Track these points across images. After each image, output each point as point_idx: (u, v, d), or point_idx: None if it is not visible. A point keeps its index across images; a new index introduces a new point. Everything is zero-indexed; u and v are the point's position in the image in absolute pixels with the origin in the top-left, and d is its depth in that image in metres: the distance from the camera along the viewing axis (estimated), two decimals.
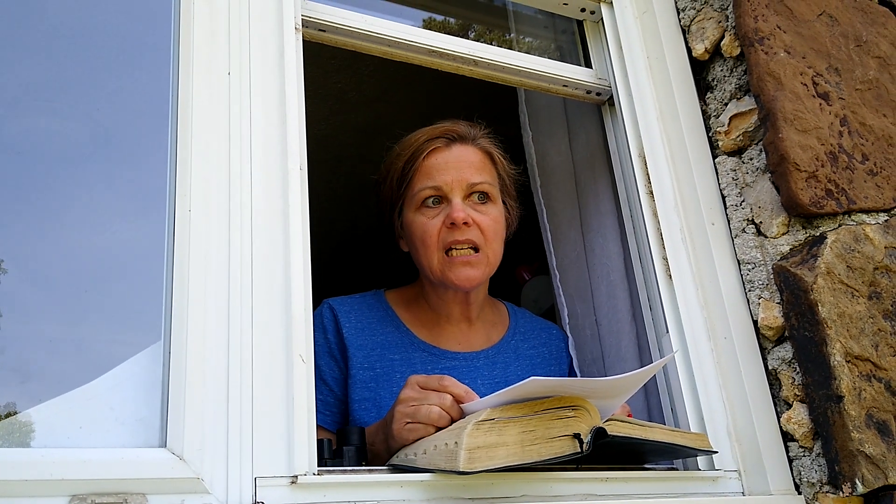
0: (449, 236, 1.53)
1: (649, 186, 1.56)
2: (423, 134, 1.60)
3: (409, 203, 1.59)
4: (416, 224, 1.56)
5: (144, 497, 0.96)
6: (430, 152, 1.57)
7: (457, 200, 1.53)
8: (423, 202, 1.55)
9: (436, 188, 1.54)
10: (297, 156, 1.23)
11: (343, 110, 3.13)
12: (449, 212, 1.52)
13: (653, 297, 1.53)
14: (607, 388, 1.18)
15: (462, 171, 1.55)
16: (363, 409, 1.51)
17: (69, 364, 1.07)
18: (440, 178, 1.54)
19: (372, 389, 1.53)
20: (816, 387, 1.33)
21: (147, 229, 1.16)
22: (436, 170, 1.55)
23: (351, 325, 1.59)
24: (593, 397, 1.17)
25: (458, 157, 1.57)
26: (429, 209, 1.55)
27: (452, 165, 1.55)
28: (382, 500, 1.07)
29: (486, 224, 1.55)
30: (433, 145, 1.57)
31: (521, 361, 1.63)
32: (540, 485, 1.17)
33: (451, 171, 1.55)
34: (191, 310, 1.07)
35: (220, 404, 1.05)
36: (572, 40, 1.85)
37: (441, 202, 1.55)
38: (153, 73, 1.24)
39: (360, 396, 1.53)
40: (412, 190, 1.57)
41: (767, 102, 1.48)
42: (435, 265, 1.54)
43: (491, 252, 1.57)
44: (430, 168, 1.56)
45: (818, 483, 1.32)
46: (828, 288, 1.35)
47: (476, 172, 1.57)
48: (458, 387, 1.21)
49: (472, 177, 1.56)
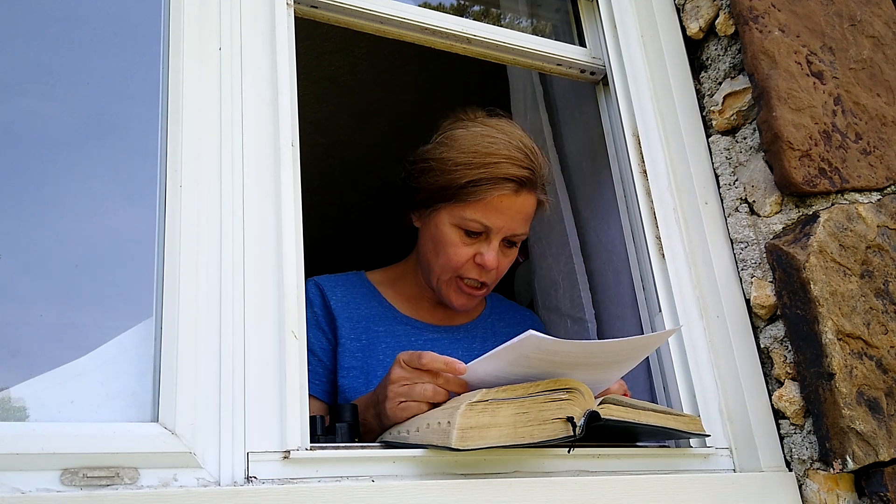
0: (471, 270, 1.56)
1: (643, 166, 1.56)
2: (504, 160, 1.50)
3: (453, 213, 1.53)
4: (448, 240, 1.55)
5: (136, 471, 0.96)
6: (499, 195, 1.50)
7: (495, 244, 1.54)
8: (466, 227, 1.53)
9: (486, 227, 1.52)
10: (289, 132, 1.23)
11: (337, 94, 3.12)
12: (483, 253, 1.53)
13: (646, 276, 1.53)
14: (604, 353, 1.19)
15: (514, 221, 1.54)
16: (352, 377, 1.54)
17: (60, 342, 1.06)
18: (494, 222, 1.51)
19: (360, 359, 1.56)
20: (808, 365, 1.33)
21: (139, 209, 1.15)
22: (495, 212, 1.51)
23: (337, 298, 1.62)
24: (590, 364, 1.18)
25: (518, 208, 1.53)
26: (467, 236, 1.54)
27: (512, 214, 1.53)
28: (375, 475, 1.07)
29: (504, 265, 1.60)
30: (505, 189, 1.50)
31: (499, 338, 1.66)
32: (532, 461, 1.17)
33: (506, 218, 1.52)
34: (182, 285, 1.07)
35: (213, 380, 1.05)
36: (566, 19, 1.85)
37: (479, 234, 1.54)
38: (144, 53, 1.23)
39: (348, 364, 1.55)
40: (463, 210, 1.51)
41: (761, 81, 1.48)
42: (444, 279, 1.59)
43: (493, 286, 1.63)
44: (489, 208, 1.51)
45: (809, 460, 1.33)
46: (820, 266, 1.35)
47: (523, 224, 1.57)
48: (436, 361, 1.20)
49: (518, 228, 1.56)
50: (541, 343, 1.11)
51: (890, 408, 1.31)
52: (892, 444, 1.28)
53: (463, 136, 1.54)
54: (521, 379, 1.17)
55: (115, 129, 1.21)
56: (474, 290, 1.59)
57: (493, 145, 1.50)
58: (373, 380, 1.52)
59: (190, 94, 1.18)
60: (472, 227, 1.52)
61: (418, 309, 1.69)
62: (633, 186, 1.56)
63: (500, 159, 1.49)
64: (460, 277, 1.58)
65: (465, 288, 1.58)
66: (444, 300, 1.63)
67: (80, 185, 1.15)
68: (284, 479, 1.02)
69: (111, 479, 0.94)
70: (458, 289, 1.59)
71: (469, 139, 1.52)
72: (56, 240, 1.10)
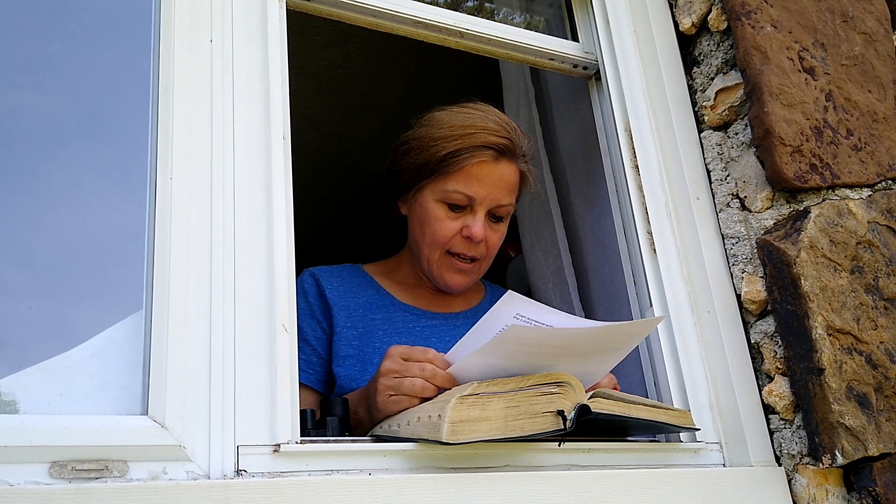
0: (460, 245, 1.56)
1: (635, 161, 1.56)
2: (479, 130, 1.53)
3: (435, 189, 1.56)
4: (433, 215, 1.56)
5: (126, 464, 0.95)
6: (478, 162, 1.53)
7: (480, 215, 1.54)
8: (449, 200, 1.54)
9: (469, 197, 1.53)
10: (281, 124, 1.22)
11: (330, 88, 3.11)
12: (469, 225, 1.54)
13: (637, 271, 1.53)
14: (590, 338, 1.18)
15: (498, 189, 1.55)
16: (348, 365, 1.53)
17: (50, 335, 1.06)
18: (476, 190, 1.53)
19: (355, 347, 1.56)
20: (798, 360, 1.34)
21: (129, 201, 1.15)
22: (476, 180, 1.53)
23: (333, 287, 1.62)
24: (578, 353, 1.17)
25: (500, 176, 1.55)
26: (450, 209, 1.55)
27: (492, 182, 1.54)
28: (365, 468, 1.07)
29: (494, 240, 1.60)
30: (484, 156, 1.53)
31: None
32: (523, 455, 1.17)
33: (489, 186, 1.54)
34: (172, 278, 1.07)
35: (203, 373, 1.04)
36: (560, 14, 1.84)
37: (464, 208, 1.55)
38: (135, 44, 1.22)
39: (344, 353, 1.55)
40: (445, 183, 1.54)
41: (753, 77, 1.48)
42: (434, 259, 1.58)
43: (485, 263, 1.63)
44: (470, 176, 1.53)
45: (798, 455, 1.33)
46: (811, 262, 1.35)
47: (507, 194, 1.57)
48: (439, 359, 1.21)
49: (503, 198, 1.56)
50: (523, 332, 1.11)
51: (879, 403, 1.31)
52: (881, 439, 1.28)
53: (441, 115, 1.58)
54: (511, 373, 1.17)
55: (105, 122, 1.20)
56: (466, 265, 1.58)
57: (470, 118, 1.55)
58: (369, 367, 1.51)
59: (181, 86, 1.17)
60: (455, 199, 1.54)
61: (416, 297, 1.68)
62: (624, 181, 1.56)
63: (477, 129, 1.53)
64: (450, 254, 1.57)
65: (457, 263, 1.58)
66: (438, 283, 1.62)
67: (70, 177, 1.14)
68: (274, 473, 1.02)
69: (100, 472, 0.93)
70: (450, 266, 1.58)
71: (447, 116, 1.57)
72: (46, 232, 1.10)
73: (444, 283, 1.61)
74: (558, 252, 1.89)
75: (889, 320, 1.39)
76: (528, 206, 2.01)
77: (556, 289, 1.90)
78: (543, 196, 1.97)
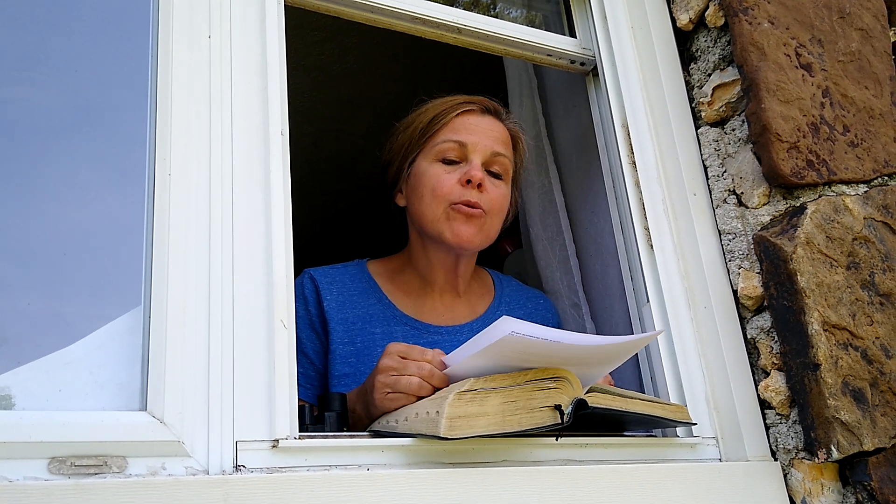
0: (461, 194, 1.52)
1: (632, 157, 1.56)
2: (459, 96, 1.61)
3: (427, 153, 1.58)
4: (430, 174, 1.55)
5: (125, 459, 0.96)
6: (463, 112, 1.58)
7: (476, 161, 1.54)
8: (442, 155, 1.55)
9: (460, 143, 1.55)
10: (279, 121, 1.22)
11: (326, 83, 3.11)
12: (468, 170, 1.53)
13: (634, 267, 1.54)
14: (586, 353, 1.19)
15: (489, 137, 1.57)
16: (343, 385, 1.50)
17: (48, 331, 1.06)
18: (466, 136, 1.55)
19: (352, 365, 1.53)
20: (794, 355, 1.34)
21: (127, 198, 1.15)
22: (464, 128, 1.56)
23: (332, 297, 1.58)
24: (573, 363, 1.18)
25: (489, 126, 1.59)
26: (446, 164, 1.55)
27: (481, 130, 1.57)
28: (363, 464, 1.07)
29: (495, 195, 1.56)
30: (468, 107, 1.58)
31: None
32: (521, 450, 1.18)
33: (479, 134, 1.56)
34: (171, 274, 1.07)
35: (201, 369, 1.05)
36: (557, 10, 1.85)
37: (459, 163, 1.55)
38: (133, 40, 1.22)
39: (340, 372, 1.52)
40: (435, 140, 1.57)
41: (751, 73, 1.48)
42: (439, 214, 1.53)
43: (490, 224, 1.57)
44: (458, 125, 1.57)
45: (794, 449, 1.34)
46: (807, 258, 1.36)
47: (501, 145, 1.59)
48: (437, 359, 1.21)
49: (497, 146, 1.57)
50: (517, 343, 1.10)
51: (874, 398, 1.32)
52: (877, 434, 1.29)
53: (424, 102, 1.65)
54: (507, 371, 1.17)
55: (103, 118, 1.20)
56: (472, 210, 1.51)
57: (449, 96, 1.62)
58: None
59: (179, 82, 1.17)
60: (447, 150, 1.55)
61: (420, 307, 1.63)
62: (622, 177, 1.56)
63: (459, 97, 1.61)
64: (453, 205, 1.52)
65: (463, 209, 1.51)
66: (448, 241, 1.53)
67: (69, 173, 1.14)
68: (273, 468, 1.02)
69: (99, 467, 0.94)
70: (457, 216, 1.52)
71: (429, 101, 1.64)
72: (44, 228, 1.10)
73: (453, 237, 1.52)
74: (563, 241, 1.89)
75: (885, 316, 1.39)
76: (532, 196, 2.01)
77: (563, 277, 1.89)
78: (548, 186, 1.97)
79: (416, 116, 1.62)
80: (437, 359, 1.20)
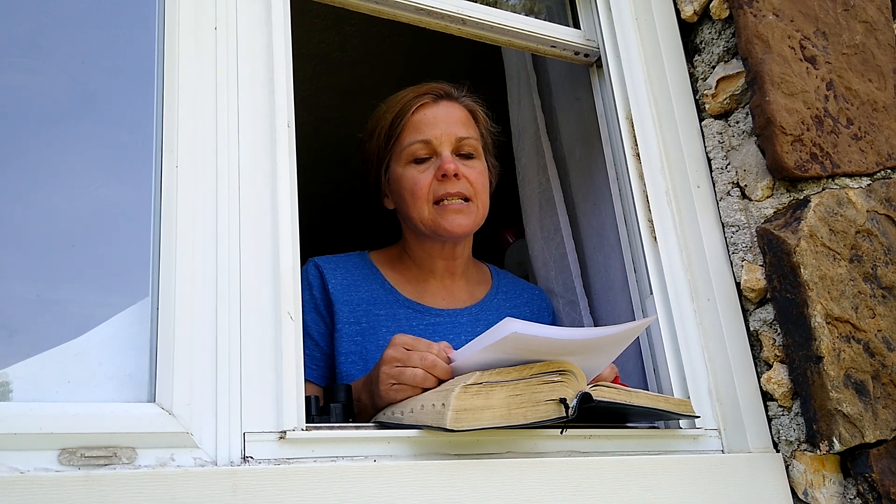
0: (440, 189, 1.57)
1: (636, 149, 1.56)
2: (409, 91, 1.64)
3: (398, 158, 1.62)
4: (406, 178, 1.59)
5: (134, 451, 0.96)
6: (418, 108, 1.61)
7: (446, 154, 1.58)
8: (412, 157, 1.59)
9: (425, 142, 1.58)
10: (285, 112, 1.22)
11: (327, 71, 3.10)
12: (439, 164, 1.57)
13: (637, 259, 1.54)
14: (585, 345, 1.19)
15: (450, 125, 1.60)
16: (350, 363, 1.54)
17: (57, 322, 1.06)
18: (429, 132, 1.58)
19: (358, 343, 1.56)
20: (796, 347, 1.35)
21: (135, 188, 1.15)
22: (424, 124, 1.59)
23: (336, 281, 1.61)
24: (573, 354, 1.19)
25: (446, 113, 1.62)
26: (418, 164, 1.59)
27: (441, 120, 1.60)
28: (370, 455, 1.08)
29: (473, 177, 1.60)
30: (421, 101, 1.61)
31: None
32: (525, 442, 1.19)
33: (440, 125, 1.59)
34: (178, 265, 1.07)
35: (209, 360, 1.05)
36: (561, 1, 1.84)
37: (429, 158, 1.59)
38: (139, 30, 1.22)
39: (346, 350, 1.55)
40: (401, 144, 1.60)
41: (755, 65, 1.48)
42: (426, 216, 1.58)
43: (480, 203, 1.62)
44: (418, 123, 1.60)
45: (796, 441, 1.35)
46: (810, 250, 1.36)
47: (462, 128, 1.62)
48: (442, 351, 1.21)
49: (459, 131, 1.61)
50: (520, 340, 1.11)
51: (876, 390, 1.33)
52: (878, 427, 1.30)
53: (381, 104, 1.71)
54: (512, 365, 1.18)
55: (110, 108, 1.20)
56: (457, 204, 1.58)
57: (403, 91, 1.67)
58: (371, 365, 1.51)
59: (186, 74, 1.17)
60: (415, 151, 1.59)
61: (422, 291, 1.67)
62: (625, 169, 1.56)
63: (409, 92, 1.66)
64: (437, 202, 1.58)
65: (448, 205, 1.57)
66: (442, 235, 1.59)
67: (76, 164, 1.14)
68: (280, 460, 1.03)
69: (109, 458, 0.94)
70: (444, 212, 1.57)
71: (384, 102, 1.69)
72: (52, 220, 1.10)
73: (446, 231, 1.57)
74: (561, 239, 1.90)
75: (887, 308, 1.40)
76: (530, 193, 2.01)
77: (558, 276, 1.90)
78: (546, 183, 1.97)
79: (377, 122, 1.67)
80: (444, 353, 1.21)
